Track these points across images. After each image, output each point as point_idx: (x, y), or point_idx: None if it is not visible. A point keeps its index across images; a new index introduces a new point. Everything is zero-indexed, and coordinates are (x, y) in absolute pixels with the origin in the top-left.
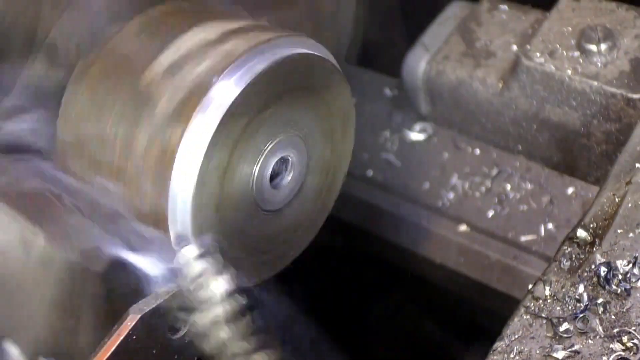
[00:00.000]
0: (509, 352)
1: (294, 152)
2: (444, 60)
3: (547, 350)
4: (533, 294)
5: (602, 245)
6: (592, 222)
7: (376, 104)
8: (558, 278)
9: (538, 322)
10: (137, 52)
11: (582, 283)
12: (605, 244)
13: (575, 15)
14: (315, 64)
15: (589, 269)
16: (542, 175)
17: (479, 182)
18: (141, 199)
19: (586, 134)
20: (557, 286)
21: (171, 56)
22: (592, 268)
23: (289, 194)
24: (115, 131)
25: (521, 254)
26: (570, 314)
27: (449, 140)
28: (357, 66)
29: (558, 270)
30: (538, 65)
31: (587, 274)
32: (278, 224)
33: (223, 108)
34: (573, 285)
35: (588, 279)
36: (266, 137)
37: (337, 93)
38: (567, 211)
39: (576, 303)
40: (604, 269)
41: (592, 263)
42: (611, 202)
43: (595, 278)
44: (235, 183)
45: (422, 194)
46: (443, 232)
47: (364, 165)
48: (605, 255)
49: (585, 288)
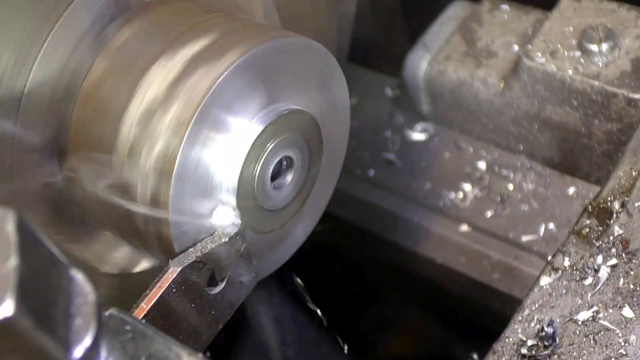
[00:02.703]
0: (530, 321)
1: (295, 151)
2: (445, 60)
3: (567, 318)
4: (552, 265)
5: (619, 217)
6: (609, 195)
7: (377, 104)
8: (577, 249)
9: (558, 291)
10: (110, 97)
11: (600, 254)
12: (623, 216)
13: (576, 15)
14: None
15: (607, 240)
16: (543, 175)
17: (480, 182)
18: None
19: (587, 134)
20: (576, 257)
21: (140, 105)
22: (610, 239)
23: (290, 193)
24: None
25: (522, 254)
26: (590, 283)
27: (450, 140)
28: (358, 66)
29: (577, 241)
30: (539, 65)
31: (606, 245)
32: (278, 222)
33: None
34: (592, 256)
35: (606, 250)
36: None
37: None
38: (569, 211)
39: (595, 273)
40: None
41: (611, 235)
42: (628, 175)
43: (614, 249)
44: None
45: (423, 194)
46: (444, 232)
47: (365, 165)
48: (622, 227)
49: (604, 259)
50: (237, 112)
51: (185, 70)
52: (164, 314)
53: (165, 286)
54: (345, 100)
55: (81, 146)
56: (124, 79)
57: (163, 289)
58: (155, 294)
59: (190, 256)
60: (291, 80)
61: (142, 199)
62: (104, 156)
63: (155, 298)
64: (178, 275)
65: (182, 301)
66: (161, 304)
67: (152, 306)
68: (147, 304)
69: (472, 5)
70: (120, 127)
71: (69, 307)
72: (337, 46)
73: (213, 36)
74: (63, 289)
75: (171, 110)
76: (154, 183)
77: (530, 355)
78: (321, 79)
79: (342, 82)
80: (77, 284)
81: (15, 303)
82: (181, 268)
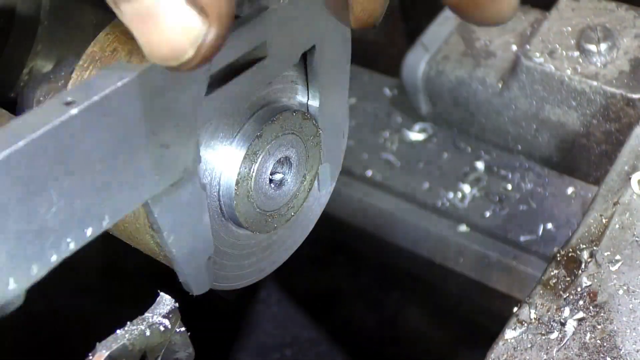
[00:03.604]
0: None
1: (293, 151)
2: (444, 60)
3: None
4: (518, 317)
5: (588, 267)
6: (578, 244)
7: (376, 104)
8: (543, 301)
9: (523, 345)
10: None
11: (567, 306)
12: (592, 266)
13: (574, 15)
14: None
15: (575, 291)
16: (541, 175)
17: (478, 182)
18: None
19: (586, 134)
20: (542, 309)
21: None
22: (578, 291)
23: (288, 194)
24: None
25: (521, 254)
26: (556, 337)
27: (449, 140)
28: (356, 66)
29: (544, 292)
30: (538, 65)
31: (573, 297)
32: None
33: None
34: (559, 308)
35: (574, 302)
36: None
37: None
38: (567, 211)
39: (562, 327)
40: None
41: (579, 286)
42: (598, 223)
43: (582, 301)
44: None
45: (421, 194)
46: (442, 232)
47: (364, 165)
48: (591, 278)
49: (571, 312)
50: (233, 112)
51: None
52: None
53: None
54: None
55: None
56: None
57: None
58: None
59: (119, 339)
60: (289, 79)
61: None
62: None
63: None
64: (106, 359)
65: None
66: None
67: None
68: None
69: None
70: None
71: None
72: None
73: None
74: None
75: None
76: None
77: None
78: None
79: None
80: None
81: None
82: (108, 353)
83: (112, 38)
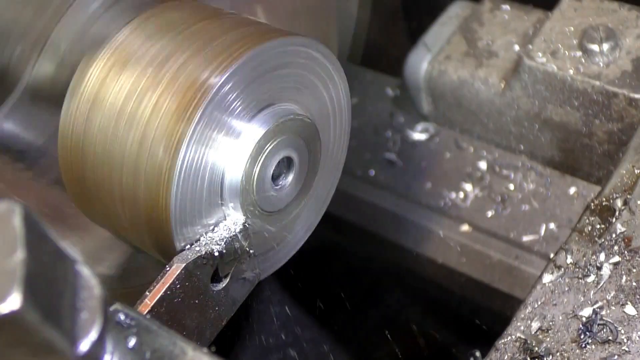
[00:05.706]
0: (532, 319)
1: (295, 152)
2: (446, 60)
3: (570, 316)
4: (555, 263)
5: (622, 215)
6: (612, 193)
7: (378, 104)
8: (579, 247)
9: (560, 289)
10: (137, 51)
11: (603, 252)
12: (625, 213)
13: (577, 15)
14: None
15: (609, 238)
16: (544, 175)
17: (480, 182)
18: (141, 183)
19: (588, 133)
20: (578, 255)
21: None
22: (612, 237)
23: (290, 194)
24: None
25: (523, 254)
26: (592, 281)
27: (451, 140)
28: (359, 66)
29: (579, 239)
30: (540, 65)
31: (608, 242)
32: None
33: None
34: (594, 253)
35: (609, 247)
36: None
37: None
38: (569, 211)
39: (598, 271)
40: None
41: (613, 232)
42: (630, 173)
43: (616, 247)
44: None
45: (423, 194)
46: (445, 232)
47: (366, 165)
48: (625, 224)
49: (607, 256)
50: (239, 112)
51: (185, 69)
52: (167, 309)
53: (169, 282)
54: (346, 100)
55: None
56: (127, 78)
57: (167, 285)
58: (159, 290)
59: (194, 252)
60: (292, 80)
61: (145, 200)
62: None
63: (159, 294)
64: (182, 271)
65: (186, 297)
66: (165, 300)
67: (156, 302)
68: (151, 299)
69: (473, 5)
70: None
71: (75, 300)
72: (338, 46)
73: (213, 35)
74: (69, 283)
75: (171, 110)
76: (155, 184)
77: (533, 352)
78: (322, 78)
79: (343, 82)
80: (83, 277)
81: (22, 296)
82: (185, 264)
83: None
